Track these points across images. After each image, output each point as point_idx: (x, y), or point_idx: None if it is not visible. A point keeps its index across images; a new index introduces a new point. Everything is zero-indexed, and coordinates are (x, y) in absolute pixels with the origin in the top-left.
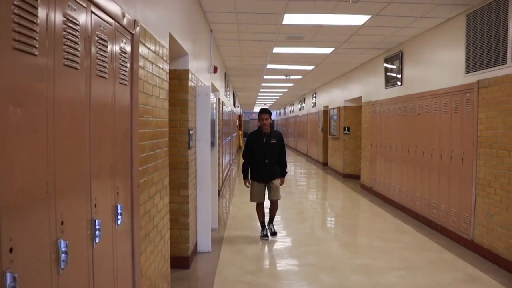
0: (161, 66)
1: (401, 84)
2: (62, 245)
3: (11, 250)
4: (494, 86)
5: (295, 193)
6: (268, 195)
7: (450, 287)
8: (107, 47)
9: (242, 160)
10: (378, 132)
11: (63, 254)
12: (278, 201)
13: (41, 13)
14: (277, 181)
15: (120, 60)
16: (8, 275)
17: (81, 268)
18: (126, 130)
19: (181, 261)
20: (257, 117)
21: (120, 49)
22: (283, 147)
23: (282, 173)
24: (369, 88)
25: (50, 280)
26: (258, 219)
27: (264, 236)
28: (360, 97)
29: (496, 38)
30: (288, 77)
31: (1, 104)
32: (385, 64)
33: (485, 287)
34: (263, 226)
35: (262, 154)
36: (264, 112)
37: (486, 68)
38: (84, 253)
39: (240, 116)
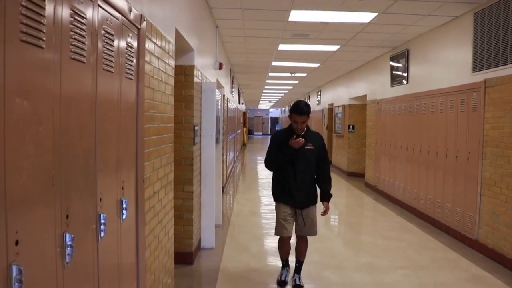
0: (167, 61)
1: (407, 83)
2: (67, 239)
3: (17, 242)
4: (501, 85)
5: None
6: (296, 227)
7: (454, 286)
8: (113, 41)
9: (246, 158)
10: (383, 131)
11: (68, 248)
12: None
13: (49, 5)
14: (314, 209)
15: (126, 55)
16: (14, 268)
17: (86, 262)
18: (131, 125)
19: (185, 257)
20: (289, 116)
21: (126, 44)
22: (325, 156)
23: (324, 195)
24: (374, 86)
25: (55, 273)
26: (278, 247)
27: (281, 284)
28: (365, 95)
29: (504, 37)
30: (293, 75)
31: (8, 97)
32: (391, 62)
33: (490, 287)
34: (284, 265)
35: (292, 166)
36: (299, 112)
37: (493, 67)
38: (89, 247)
39: (244, 113)
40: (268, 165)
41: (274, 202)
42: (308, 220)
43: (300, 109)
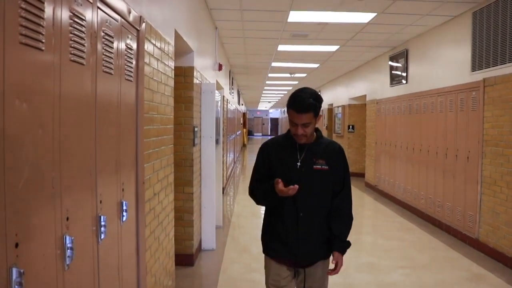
0: (166, 63)
1: (406, 82)
2: (67, 241)
3: (16, 245)
4: (501, 84)
5: None
6: None
7: (455, 285)
8: (113, 43)
9: (247, 158)
10: (383, 130)
11: (68, 250)
12: None
13: (48, 8)
14: (325, 267)
15: (126, 57)
16: (14, 270)
17: (87, 264)
18: (131, 127)
19: (185, 258)
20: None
21: (126, 46)
22: (346, 181)
23: (338, 242)
24: (374, 86)
25: (55, 276)
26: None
27: None
28: (365, 95)
29: (503, 36)
30: (292, 75)
31: (8, 99)
32: (390, 62)
33: (491, 285)
34: None
35: (292, 197)
36: (299, 107)
37: (492, 66)
38: (89, 249)
39: (244, 114)
40: (252, 196)
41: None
42: (315, 280)
43: (300, 102)
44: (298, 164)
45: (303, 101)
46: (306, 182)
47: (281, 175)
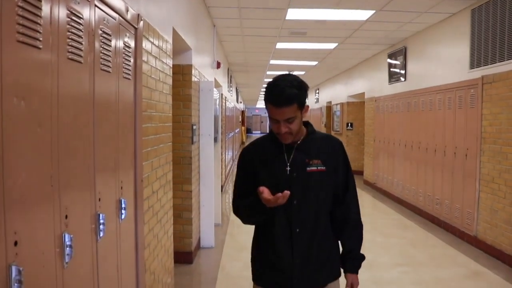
0: (164, 60)
1: (405, 80)
2: (66, 239)
3: (16, 243)
4: (499, 81)
5: None
6: None
7: (453, 282)
8: (111, 41)
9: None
10: (382, 128)
11: (67, 248)
12: None
13: (45, 6)
14: None
15: (123, 55)
16: (14, 268)
17: (86, 262)
18: (129, 125)
19: (184, 256)
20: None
21: (124, 44)
22: (349, 180)
23: (350, 260)
24: (372, 83)
25: (55, 274)
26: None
27: None
28: (364, 93)
29: (501, 33)
30: (291, 73)
31: (5, 97)
32: (389, 60)
33: (489, 282)
34: None
35: (283, 209)
36: (276, 101)
37: (491, 64)
38: (88, 247)
39: (243, 112)
40: (237, 214)
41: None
42: None
43: (278, 92)
44: (288, 168)
45: (282, 91)
46: (299, 189)
47: (268, 184)
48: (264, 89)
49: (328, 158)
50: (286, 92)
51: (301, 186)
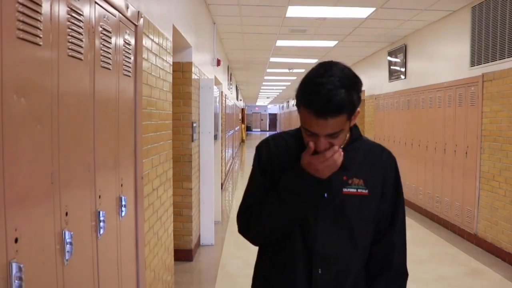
0: (164, 58)
1: (405, 78)
2: (67, 236)
3: (16, 240)
4: (499, 79)
5: None
6: None
7: (453, 280)
8: (111, 38)
9: (245, 154)
10: (382, 126)
11: (68, 245)
12: None
13: (45, 2)
14: None
15: (124, 52)
16: (14, 265)
17: (86, 259)
18: (129, 122)
19: (184, 253)
20: (296, 108)
21: (124, 41)
22: (400, 210)
23: None
24: (372, 81)
25: (55, 271)
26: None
27: None
28: (364, 91)
29: (502, 31)
30: (291, 71)
31: (5, 94)
32: (389, 58)
33: (489, 280)
34: None
35: (303, 238)
36: (322, 106)
37: (491, 61)
38: (88, 245)
39: (243, 110)
40: (246, 229)
41: None
42: None
43: (325, 97)
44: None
45: (329, 96)
46: (330, 217)
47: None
48: (300, 86)
49: (374, 178)
50: (335, 98)
51: (331, 212)
